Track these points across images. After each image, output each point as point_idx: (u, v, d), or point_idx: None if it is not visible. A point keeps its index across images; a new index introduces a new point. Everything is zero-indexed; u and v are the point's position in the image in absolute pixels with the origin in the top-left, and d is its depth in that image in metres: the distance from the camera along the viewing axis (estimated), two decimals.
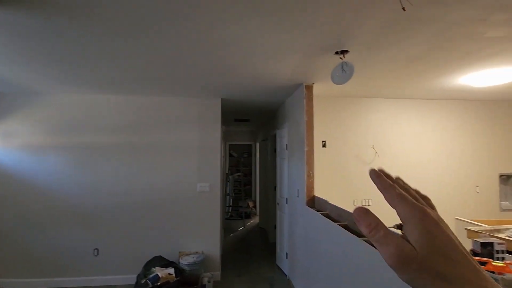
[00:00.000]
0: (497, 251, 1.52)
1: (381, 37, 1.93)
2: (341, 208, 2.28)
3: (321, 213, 2.51)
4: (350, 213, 2.11)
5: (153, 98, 3.72)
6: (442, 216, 0.33)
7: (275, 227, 4.65)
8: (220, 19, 1.70)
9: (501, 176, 4.07)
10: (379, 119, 3.93)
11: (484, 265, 1.37)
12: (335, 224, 2.11)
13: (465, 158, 4.03)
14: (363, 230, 0.30)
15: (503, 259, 1.52)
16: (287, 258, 3.75)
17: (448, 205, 3.86)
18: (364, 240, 1.67)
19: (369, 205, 3.79)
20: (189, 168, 3.73)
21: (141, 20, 1.71)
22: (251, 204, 7.69)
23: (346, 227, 2.05)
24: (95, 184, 3.58)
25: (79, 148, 3.58)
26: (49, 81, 3.03)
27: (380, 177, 0.32)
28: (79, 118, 3.61)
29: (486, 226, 2.84)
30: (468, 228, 2.79)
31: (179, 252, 3.60)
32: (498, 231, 2.69)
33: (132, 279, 3.31)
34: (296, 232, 3.33)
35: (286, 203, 3.85)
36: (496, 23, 1.74)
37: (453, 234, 0.28)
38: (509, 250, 2.02)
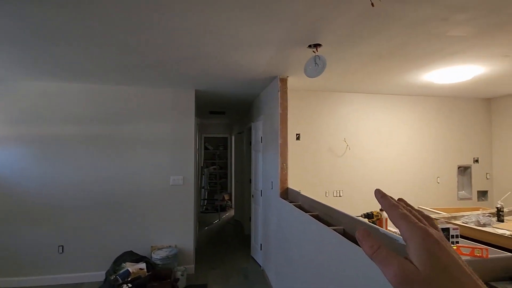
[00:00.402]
0: (452, 236, 1.65)
1: (351, 32, 1.97)
2: (313, 199, 2.34)
3: (293, 204, 2.57)
4: (321, 204, 2.17)
5: (123, 87, 3.55)
6: None
7: (250, 219, 4.69)
8: (196, 9, 1.64)
9: (459, 167, 4.40)
10: (350, 113, 4.06)
11: None
12: (307, 214, 2.16)
13: (428, 151, 4.29)
14: (366, 251, 0.31)
15: (457, 243, 1.65)
16: (261, 249, 3.80)
17: (412, 194, 4.12)
18: (333, 229, 1.73)
19: (340, 196, 3.94)
20: (162, 161, 3.63)
21: (113, 4, 1.60)
22: (226, 197, 7.68)
23: (317, 217, 2.11)
24: (59, 177, 3.38)
25: (41, 139, 3.34)
26: (6, 66, 2.78)
27: (384, 197, 0.33)
28: (41, 107, 3.36)
29: (444, 214, 3.06)
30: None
31: (151, 246, 3.52)
32: (455, 218, 2.91)
33: (100, 276, 3.19)
34: (270, 223, 3.38)
35: (261, 196, 3.89)
36: (457, 23, 1.84)
37: (457, 253, 0.28)
38: (463, 235, 2.19)
